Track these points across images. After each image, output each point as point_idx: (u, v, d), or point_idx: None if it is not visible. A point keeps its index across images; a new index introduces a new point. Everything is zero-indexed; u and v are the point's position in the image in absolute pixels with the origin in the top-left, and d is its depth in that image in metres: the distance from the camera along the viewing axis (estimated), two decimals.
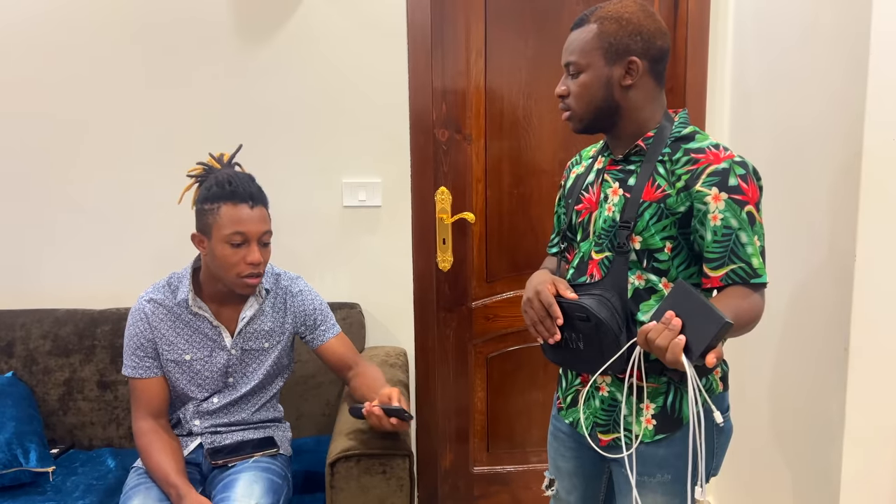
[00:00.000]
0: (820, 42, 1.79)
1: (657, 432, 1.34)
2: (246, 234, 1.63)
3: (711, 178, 1.24)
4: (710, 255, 1.25)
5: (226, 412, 1.80)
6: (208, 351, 1.75)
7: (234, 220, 1.62)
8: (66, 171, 2.19)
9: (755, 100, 2.15)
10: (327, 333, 1.85)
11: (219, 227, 1.63)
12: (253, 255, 1.64)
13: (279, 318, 1.81)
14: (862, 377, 1.68)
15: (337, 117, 2.23)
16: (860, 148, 1.62)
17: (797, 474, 1.94)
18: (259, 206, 1.66)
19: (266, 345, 1.80)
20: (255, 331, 1.79)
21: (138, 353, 1.74)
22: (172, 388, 1.77)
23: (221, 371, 1.77)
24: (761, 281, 1.24)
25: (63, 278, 2.19)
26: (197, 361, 1.75)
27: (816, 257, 1.81)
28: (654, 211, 1.28)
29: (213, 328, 1.76)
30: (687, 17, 2.31)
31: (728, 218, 1.23)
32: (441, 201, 2.34)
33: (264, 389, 1.84)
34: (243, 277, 1.66)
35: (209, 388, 1.78)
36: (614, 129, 1.35)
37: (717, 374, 1.36)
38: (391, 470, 1.63)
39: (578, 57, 1.31)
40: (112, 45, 2.15)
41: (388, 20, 2.20)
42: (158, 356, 1.75)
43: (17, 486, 1.84)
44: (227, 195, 1.63)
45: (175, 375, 1.75)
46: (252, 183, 1.69)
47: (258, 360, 1.80)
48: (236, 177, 1.67)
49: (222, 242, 1.63)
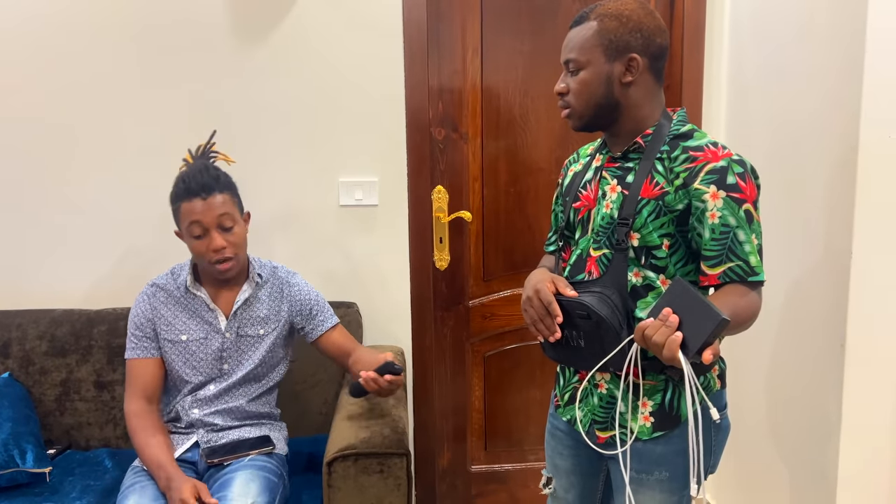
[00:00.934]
0: (816, 39, 1.79)
1: (655, 430, 1.34)
2: (202, 224, 1.71)
3: (710, 175, 1.24)
4: (708, 253, 1.25)
5: (222, 400, 1.81)
6: (204, 333, 1.81)
7: (189, 214, 1.71)
8: (62, 171, 2.18)
9: (751, 98, 2.15)
10: (325, 324, 1.90)
11: (182, 223, 1.75)
12: (213, 242, 1.72)
13: (275, 306, 1.86)
14: (858, 374, 1.69)
15: (333, 116, 2.23)
16: (856, 144, 1.62)
17: (794, 471, 1.94)
18: (213, 194, 1.72)
19: (261, 331, 1.84)
20: (251, 316, 1.83)
21: (137, 333, 1.81)
22: (169, 372, 1.82)
23: (216, 355, 1.81)
24: (759, 279, 1.24)
25: (60, 279, 2.18)
26: (193, 342, 1.80)
27: (813, 254, 1.82)
28: (653, 208, 1.28)
29: (210, 311, 1.82)
30: (683, 16, 2.31)
31: (726, 216, 1.23)
32: (438, 200, 2.34)
33: (260, 379, 1.86)
34: (213, 264, 1.75)
35: (204, 371, 1.80)
36: (613, 126, 1.35)
37: (714, 372, 1.37)
38: (388, 469, 1.63)
39: (578, 54, 1.31)
40: (109, 47, 2.14)
41: (384, 18, 2.20)
42: (157, 337, 1.81)
43: (14, 486, 1.83)
44: (181, 193, 1.73)
45: (171, 356, 1.80)
46: (206, 173, 1.74)
47: (253, 346, 1.83)
48: (190, 172, 1.74)
49: (187, 236, 1.75)
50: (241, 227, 1.79)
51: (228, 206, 1.74)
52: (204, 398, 1.81)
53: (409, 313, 2.35)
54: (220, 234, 1.73)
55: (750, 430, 2.13)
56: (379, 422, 1.74)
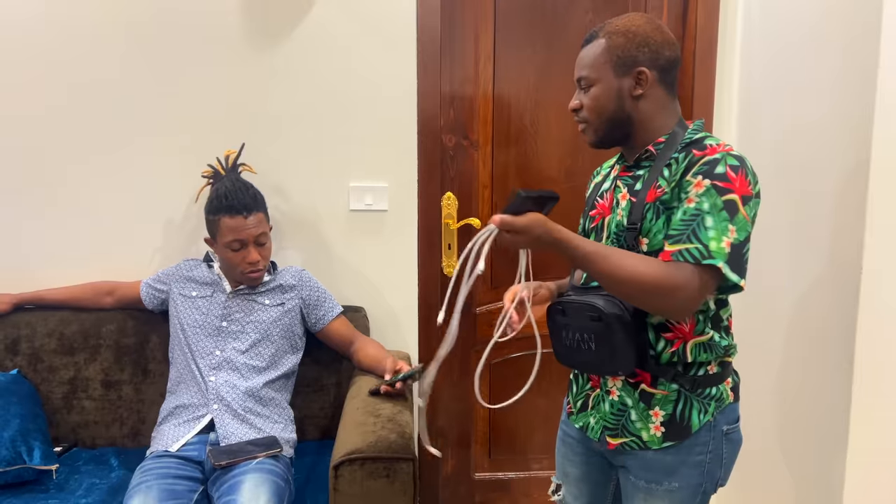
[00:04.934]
0: (828, 50, 1.80)
1: (665, 440, 1.34)
2: (243, 241, 1.91)
3: (701, 167, 1.24)
4: (672, 232, 1.24)
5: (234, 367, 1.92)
6: (210, 291, 2.01)
7: (232, 230, 1.90)
8: (73, 170, 2.19)
9: (762, 110, 2.15)
10: (330, 313, 2.07)
11: (221, 235, 1.92)
12: (250, 256, 1.93)
13: (284, 286, 2.04)
14: (866, 389, 1.68)
15: (345, 121, 2.24)
16: (868, 158, 1.62)
17: (800, 486, 1.94)
18: (254, 212, 1.92)
19: (267, 301, 2.00)
20: (259, 291, 2.01)
21: (155, 277, 2.10)
22: (178, 331, 1.98)
23: (219, 314, 1.97)
24: (713, 262, 1.18)
25: (69, 277, 2.19)
26: (200, 298, 2.00)
27: (822, 268, 1.82)
28: (654, 210, 1.30)
29: (220, 280, 2.03)
30: (695, 31, 2.32)
31: (702, 201, 1.22)
32: (447, 206, 2.35)
33: (270, 360, 1.96)
34: (246, 273, 1.95)
35: (207, 327, 1.95)
36: (628, 140, 1.38)
37: (727, 385, 1.37)
38: (395, 474, 1.63)
39: (589, 71, 1.35)
40: (121, 49, 2.16)
41: (397, 25, 2.21)
42: (165, 292, 2.06)
43: (21, 483, 1.84)
44: (225, 208, 1.90)
45: (180, 308, 2.00)
46: (248, 192, 1.93)
47: (256, 312, 1.98)
48: (234, 189, 1.92)
49: (224, 248, 1.93)
50: (270, 241, 2.00)
51: (263, 224, 1.95)
52: (215, 363, 1.92)
53: (416, 319, 2.35)
54: (255, 249, 1.93)
55: (757, 444, 2.13)
56: (385, 427, 1.74)
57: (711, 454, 1.34)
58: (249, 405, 1.88)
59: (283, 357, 2.00)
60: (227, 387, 1.88)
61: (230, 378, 1.90)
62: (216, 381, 1.89)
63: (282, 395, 1.98)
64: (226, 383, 1.89)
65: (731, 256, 1.20)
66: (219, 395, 1.87)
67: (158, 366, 2.11)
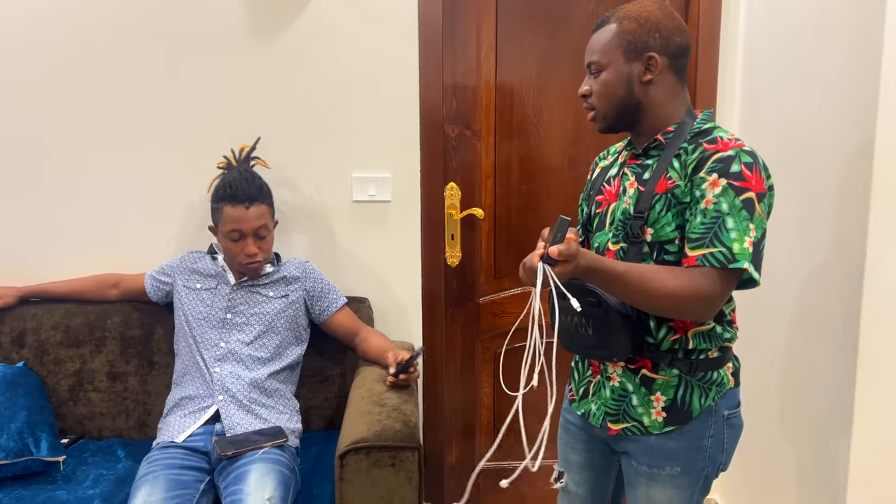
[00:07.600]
0: (832, 38, 1.79)
1: (666, 424, 1.35)
2: (242, 231, 1.91)
3: (715, 164, 1.24)
4: (692, 235, 1.25)
5: (238, 359, 1.92)
6: (215, 283, 2.02)
7: (232, 220, 1.90)
8: (78, 163, 2.20)
9: (765, 98, 2.15)
10: (334, 305, 2.08)
11: (222, 223, 1.93)
12: (248, 248, 1.92)
13: (287, 277, 2.04)
14: (870, 375, 1.69)
15: (347, 112, 2.24)
16: (871, 148, 1.62)
17: (804, 471, 1.94)
18: (256, 204, 1.91)
19: (271, 293, 2.00)
20: (262, 283, 2.01)
21: (160, 270, 2.11)
22: (183, 323, 1.98)
23: (224, 306, 1.97)
24: (738, 265, 1.20)
25: (74, 269, 2.20)
26: (205, 290, 2.01)
27: (826, 255, 1.82)
28: (665, 202, 1.30)
29: (225, 272, 2.03)
30: (698, 19, 2.31)
31: (720, 202, 1.22)
32: (450, 197, 2.35)
33: (274, 351, 1.97)
34: (244, 264, 1.95)
35: (212, 319, 1.96)
36: (637, 126, 1.38)
37: (728, 370, 1.37)
38: (400, 463, 1.64)
39: (599, 56, 1.35)
40: (125, 43, 2.15)
41: (399, 15, 2.21)
42: (170, 284, 2.07)
43: (28, 475, 1.85)
44: (227, 197, 1.91)
45: (185, 300, 2.00)
46: (252, 183, 1.93)
47: (260, 303, 1.99)
48: (238, 179, 1.92)
49: (224, 237, 1.94)
50: (272, 234, 1.99)
51: (266, 217, 1.95)
52: (220, 355, 1.92)
53: (420, 309, 2.36)
54: (254, 241, 1.93)
55: (760, 429, 2.13)
56: (391, 416, 1.75)
57: (713, 439, 1.35)
58: (254, 396, 1.89)
59: (287, 348, 2.01)
60: (232, 378, 1.89)
61: (235, 369, 1.91)
62: (221, 373, 1.90)
63: (286, 387, 1.99)
64: (230, 375, 1.90)
65: (753, 255, 1.21)
66: (224, 387, 1.88)
67: (164, 357, 2.12)
